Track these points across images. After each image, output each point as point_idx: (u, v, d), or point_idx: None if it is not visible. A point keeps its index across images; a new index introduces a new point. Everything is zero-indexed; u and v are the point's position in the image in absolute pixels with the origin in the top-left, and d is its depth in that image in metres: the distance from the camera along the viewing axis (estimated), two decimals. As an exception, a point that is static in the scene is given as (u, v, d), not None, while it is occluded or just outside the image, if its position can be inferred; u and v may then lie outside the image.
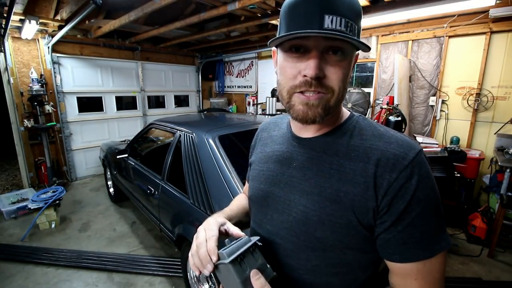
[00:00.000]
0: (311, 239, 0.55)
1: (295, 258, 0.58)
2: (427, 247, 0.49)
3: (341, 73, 0.50)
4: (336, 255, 0.55)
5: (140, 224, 3.10)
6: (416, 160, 0.50)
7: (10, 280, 2.21)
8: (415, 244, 0.49)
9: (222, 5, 2.98)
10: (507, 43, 2.91)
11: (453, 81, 3.33)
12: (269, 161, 0.67)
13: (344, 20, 0.46)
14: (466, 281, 2.19)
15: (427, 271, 0.50)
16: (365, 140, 0.55)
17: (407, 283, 0.51)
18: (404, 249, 0.50)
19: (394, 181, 0.49)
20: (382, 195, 0.50)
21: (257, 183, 0.68)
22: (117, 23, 3.55)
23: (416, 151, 0.51)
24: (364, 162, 0.52)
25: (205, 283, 1.83)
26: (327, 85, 0.50)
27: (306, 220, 0.56)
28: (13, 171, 5.07)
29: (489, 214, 2.79)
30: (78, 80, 4.50)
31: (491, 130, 3.13)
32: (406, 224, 0.49)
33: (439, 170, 2.58)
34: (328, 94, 0.51)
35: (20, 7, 3.05)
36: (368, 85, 4.16)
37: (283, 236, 0.60)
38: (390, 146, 0.52)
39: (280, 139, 0.68)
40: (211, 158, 1.69)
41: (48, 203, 2.92)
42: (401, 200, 0.49)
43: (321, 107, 0.52)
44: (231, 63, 6.26)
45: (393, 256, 0.51)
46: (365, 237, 0.53)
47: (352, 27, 0.47)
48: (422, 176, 0.50)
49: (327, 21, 0.45)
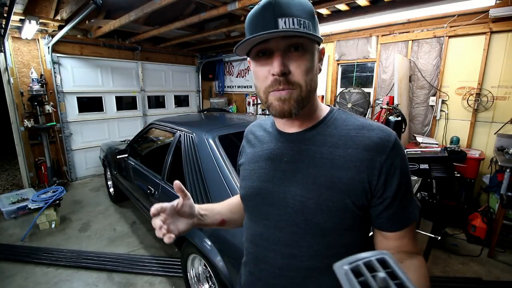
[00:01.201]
0: (311, 226, 0.59)
1: (297, 246, 0.61)
2: (413, 210, 0.60)
3: (304, 66, 0.56)
4: (335, 238, 0.60)
5: (140, 224, 3.10)
6: (396, 142, 0.58)
7: (10, 280, 2.21)
8: (407, 211, 0.59)
9: (222, 5, 2.99)
10: (507, 43, 2.92)
11: (453, 81, 3.33)
12: (259, 160, 0.70)
13: (296, 19, 0.52)
14: (466, 281, 2.19)
15: (412, 230, 0.61)
16: (350, 129, 0.61)
17: (402, 244, 0.60)
18: (403, 219, 0.59)
19: (384, 161, 0.56)
20: (376, 175, 0.56)
21: (249, 182, 0.70)
22: (117, 23, 3.55)
23: (394, 134, 0.60)
24: (353, 149, 0.58)
25: (205, 283, 1.83)
26: (293, 81, 0.56)
27: (304, 209, 0.59)
28: (13, 171, 5.07)
29: (489, 214, 2.79)
30: (78, 80, 4.50)
31: (491, 130, 3.13)
32: (401, 197, 0.58)
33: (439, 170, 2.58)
34: (297, 89, 0.57)
35: (20, 7, 3.05)
36: (368, 85, 4.16)
37: (282, 227, 0.63)
38: (374, 132, 0.59)
39: (267, 138, 0.72)
40: (211, 158, 1.69)
41: (48, 203, 2.92)
42: (393, 177, 0.57)
43: (293, 100, 0.57)
44: (231, 63, 6.26)
45: (394, 227, 0.59)
46: (358, 217, 0.59)
47: (305, 24, 0.53)
48: (402, 154, 0.59)
49: (281, 23, 0.52)
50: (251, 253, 0.70)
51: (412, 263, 0.56)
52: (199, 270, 1.85)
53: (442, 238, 2.66)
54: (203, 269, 1.82)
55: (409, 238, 0.60)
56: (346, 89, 4.24)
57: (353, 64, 4.22)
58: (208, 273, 1.80)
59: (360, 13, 3.07)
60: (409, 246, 0.60)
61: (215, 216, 0.75)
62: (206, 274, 1.83)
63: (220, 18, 3.98)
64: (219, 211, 0.77)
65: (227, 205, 0.82)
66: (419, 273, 0.55)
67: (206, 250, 1.50)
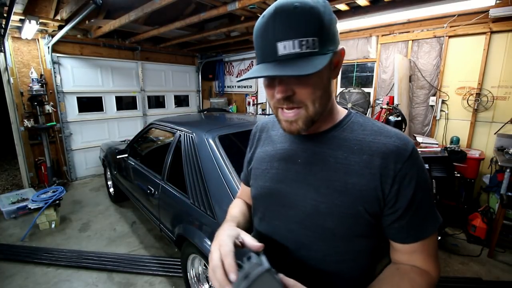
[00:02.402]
0: (322, 230, 0.59)
1: (307, 249, 0.61)
2: (431, 224, 0.57)
3: (310, 86, 0.53)
4: (345, 244, 0.59)
5: (140, 224, 3.10)
6: (414, 151, 0.56)
7: (10, 280, 2.21)
8: (423, 224, 0.57)
9: (222, 5, 2.98)
10: (507, 43, 2.91)
11: (453, 81, 3.33)
12: (272, 160, 0.69)
13: (297, 41, 0.49)
14: (466, 281, 2.19)
15: (429, 245, 0.58)
16: (366, 135, 0.59)
17: (413, 258, 0.58)
18: (416, 231, 0.57)
19: (399, 170, 0.54)
20: (390, 184, 0.55)
21: (261, 182, 0.69)
22: (117, 23, 3.55)
23: (412, 143, 0.58)
24: (368, 155, 0.57)
25: (205, 283, 1.83)
26: (298, 100, 0.54)
27: (316, 213, 0.59)
28: (13, 171, 5.07)
29: (489, 214, 2.79)
30: (78, 80, 4.50)
31: (491, 130, 3.13)
32: (415, 209, 0.55)
33: (439, 170, 2.58)
34: (303, 107, 0.55)
35: (20, 7, 3.05)
36: (368, 85, 4.16)
37: (293, 230, 0.62)
38: (391, 139, 0.57)
39: (281, 138, 0.70)
40: (211, 158, 1.69)
41: (48, 203, 2.92)
42: (408, 188, 0.55)
43: (301, 121, 0.56)
44: (231, 63, 6.25)
45: (407, 239, 0.57)
46: (370, 224, 0.58)
47: (308, 43, 0.49)
48: (420, 165, 0.57)
49: (280, 48, 0.50)
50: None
51: (411, 278, 0.55)
52: (199, 270, 1.85)
53: (442, 238, 2.66)
54: (203, 269, 1.82)
55: (421, 253, 0.58)
56: (346, 89, 4.24)
57: (353, 64, 4.22)
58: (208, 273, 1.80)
59: (360, 13, 3.07)
60: (421, 262, 0.58)
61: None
62: (206, 274, 1.83)
63: (220, 18, 3.98)
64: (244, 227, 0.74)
65: (244, 216, 0.78)
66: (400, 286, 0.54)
67: (206, 250, 1.50)
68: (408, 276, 0.56)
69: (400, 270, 0.58)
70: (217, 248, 0.54)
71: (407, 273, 0.57)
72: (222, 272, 0.49)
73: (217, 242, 0.57)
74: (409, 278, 0.56)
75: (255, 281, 0.45)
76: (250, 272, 0.46)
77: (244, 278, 0.46)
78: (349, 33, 4.09)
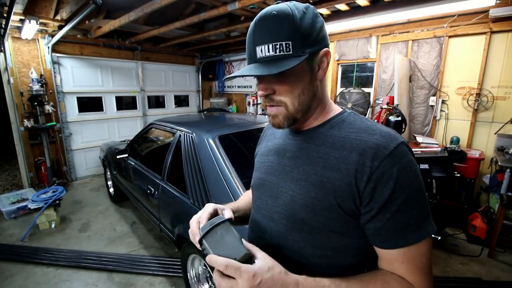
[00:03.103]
0: (297, 221, 0.61)
1: (285, 239, 0.64)
2: (414, 232, 0.52)
3: (287, 85, 0.58)
4: (321, 238, 0.59)
5: (140, 224, 3.10)
6: (397, 150, 0.53)
7: (10, 280, 2.21)
8: (403, 230, 0.52)
9: (222, 5, 2.98)
10: (507, 43, 2.91)
11: (453, 81, 3.33)
12: (269, 154, 0.75)
13: (272, 45, 0.55)
14: (466, 281, 2.19)
15: (413, 256, 0.53)
16: (352, 132, 0.60)
17: (394, 268, 0.55)
18: (394, 236, 0.53)
19: (376, 168, 0.53)
20: (365, 181, 0.53)
21: (258, 173, 0.76)
22: (117, 23, 3.55)
23: (397, 142, 0.55)
24: (348, 151, 0.57)
25: (205, 283, 1.83)
26: (278, 100, 0.60)
27: (293, 204, 0.62)
28: (13, 171, 5.07)
29: (489, 214, 2.79)
30: (78, 80, 4.50)
31: (491, 130, 3.13)
32: (394, 211, 0.52)
33: (439, 170, 2.58)
34: (282, 106, 0.60)
35: (20, 7, 3.05)
36: (368, 85, 4.16)
37: (275, 219, 0.66)
38: (373, 137, 0.56)
39: (280, 134, 0.76)
40: (211, 158, 1.69)
41: (48, 203, 2.92)
42: (385, 187, 0.52)
43: (282, 117, 0.61)
44: (231, 63, 6.25)
45: (384, 243, 0.54)
46: (348, 222, 0.57)
47: (281, 47, 0.55)
48: (404, 165, 0.53)
49: (258, 52, 0.57)
50: (250, 239, 0.75)
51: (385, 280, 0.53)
52: (199, 270, 1.85)
53: (442, 238, 2.66)
54: (203, 269, 1.82)
55: (403, 262, 0.53)
56: (346, 89, 4.24)
57: (353, 64, 4.22)
58: (208, 273, 1.80)
59: (360, 13, 3.07)
60: (403, 272, 0.54)
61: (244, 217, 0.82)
62: (206, 274, 1.83)
63: (220, 18, 3.97)
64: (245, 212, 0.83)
65: (249, 203, 0.86)
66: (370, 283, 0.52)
67: (206, 250, 1.49)
68: (382, 277, 0.54)
69: (376, 272, 0.56)
70: (201, 210, 0.66)
71: (383, 274, 0.55)
72: (196, 224, 0.61)
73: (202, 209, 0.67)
74: (383, 280, 0.53)
75: (217, 226, 0.55)
76: (215, 221, 0.57)
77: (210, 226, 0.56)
78: (349, 33, 4.09)
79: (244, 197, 0.92)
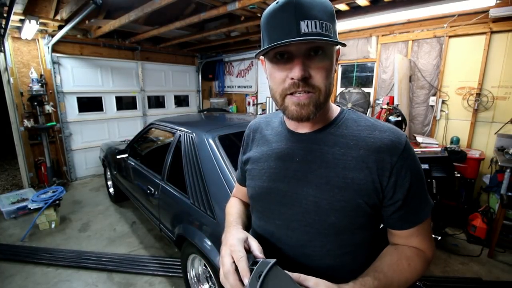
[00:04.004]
0: (324, 226, 0.60)
1: (310, 246, 0.62)
2: (424, 210, 0.62)
3: (325, 71, 0.56)
4: (347, 237, 0.61)
5: (140, 224, 3.09)
6: (407, 144, 0.60)
7: (10, 280, 2.21)
8: (419, 210, 0.61)
9: (222, 5, 2.98)
10: (507, 43, 2.91)
11: (453, 81, 3.33)
12: (269, 160, 0.69)
13: (319, 22, 0.51)
14: (466, 281, 2.19)
15: (423, 227, 0.63)
16: (361, 130, 0.62)
17: (409, 241, 0.63)
18: (413, 218, 0.61)
19: (395, 163, 0.58)
20: (387, 176, 0.58)
21: (259, 182, 0.69)
22: (117, 23, 3.55)
23: (405, 136, 0.61)
24: (365, 150, 0.59)
25: (205, 283, 1.83)
26: (313, 84, 0.55)
27: (317, 209, 0.60)
28: (13, 171, 5.07)
29: (489, 214, 2.79)
30: (78, 80, 4.50)
31: (491, 130, 3.13)
32: (412, 197, 0.59)
33: (439, 170, 2.58)
34: (316, 93, 0.56)
35: (20, 7, 3.04)
36: (368, 85, 4.16)
37: (295, 228, 0.63)
38: (385, 133, 0.60)
39: (276, 137, 0.71)
40: (211, 158, 1.69)
41: (48, 203, 2.92)
42: (405, 179, 0.58)
43: (312, 105, 0.57)
44: (231, 63, 6.25)
45: (404, 225, 0.62)
46: (370, 216, 0.61)
47: (327, 27, 0.52)
48: (412, 156, 0.60)
49: (303, 26, 0.50)
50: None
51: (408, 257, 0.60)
52: (199, 270, 1.85)
53: (442, 238, 2.66)
54: (203, 269, 1.82)
55: (417, 236, 0.62)
56: (346, 89, 4.24)
57: (353, 64, 4.22)
58: (208, 273, 1.80)
59: (360, 13, 3.07)
60: (417, 243, 0.63)
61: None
62: (206, 274, 1.83)
63: (220, 18, 3.97)
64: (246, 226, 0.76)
65: (245, 215, 0.80)
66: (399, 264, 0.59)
67: (206, 250, 1.50)
68: (405, 255, 0.61)
69: (398, 250, 0.63)
70: (228, 253, 0.56)
71: (405, 252, 0.62)
72: (236, 277, 0.52)
73: (227, 247, 0.58)
74: (407, 257, 0.61)
75: (267, 276, 0.48)
76: (262, 270, 0.49)
77: (258, 278, 0.48)
78: (349, 33, 4.08)
79: (236, 209, 0.82)
